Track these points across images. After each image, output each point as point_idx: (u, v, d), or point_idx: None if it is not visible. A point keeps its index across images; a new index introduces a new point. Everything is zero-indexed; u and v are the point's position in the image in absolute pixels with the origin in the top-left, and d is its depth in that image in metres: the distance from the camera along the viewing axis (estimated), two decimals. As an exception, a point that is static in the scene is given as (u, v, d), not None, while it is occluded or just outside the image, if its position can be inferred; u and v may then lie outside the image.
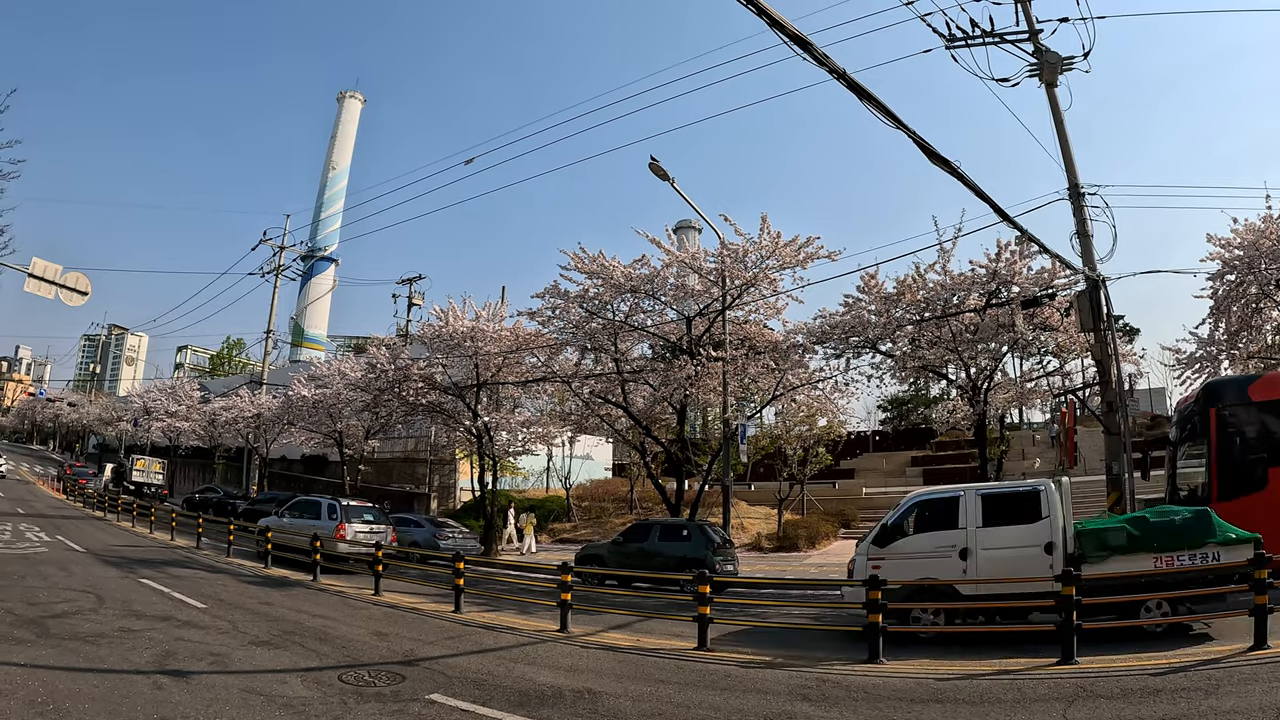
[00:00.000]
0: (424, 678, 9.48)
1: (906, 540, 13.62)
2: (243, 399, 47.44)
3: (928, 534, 13.46)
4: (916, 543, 13.51)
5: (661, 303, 26.03)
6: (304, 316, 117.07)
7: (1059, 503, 12.59)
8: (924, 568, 12.99)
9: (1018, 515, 12.83)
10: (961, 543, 12.90)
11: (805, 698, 8.76)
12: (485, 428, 30.09)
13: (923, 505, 14.04)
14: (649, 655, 11.36)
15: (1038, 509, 12.67)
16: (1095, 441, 34.30)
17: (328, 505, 24.07)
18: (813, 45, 8.60)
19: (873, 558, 13.65)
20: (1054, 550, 12.25)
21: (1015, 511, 12.90)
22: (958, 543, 12.93)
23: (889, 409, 71.05)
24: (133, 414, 65.21)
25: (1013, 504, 13.04)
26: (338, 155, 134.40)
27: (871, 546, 13.90)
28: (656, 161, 22.54)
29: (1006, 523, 12.83)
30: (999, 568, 12.25)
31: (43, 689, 7.97)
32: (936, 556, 13.03)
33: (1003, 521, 12.87)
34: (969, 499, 13.25)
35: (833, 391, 26.63)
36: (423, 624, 13.86)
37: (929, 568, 12.94)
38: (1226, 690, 7.93)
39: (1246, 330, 22.37)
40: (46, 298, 22.99)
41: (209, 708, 7.71)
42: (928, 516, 13.71)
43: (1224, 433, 15.76)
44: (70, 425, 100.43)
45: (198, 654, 10.15)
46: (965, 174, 13.16)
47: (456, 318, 30.10)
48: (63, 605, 13.18)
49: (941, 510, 13.55)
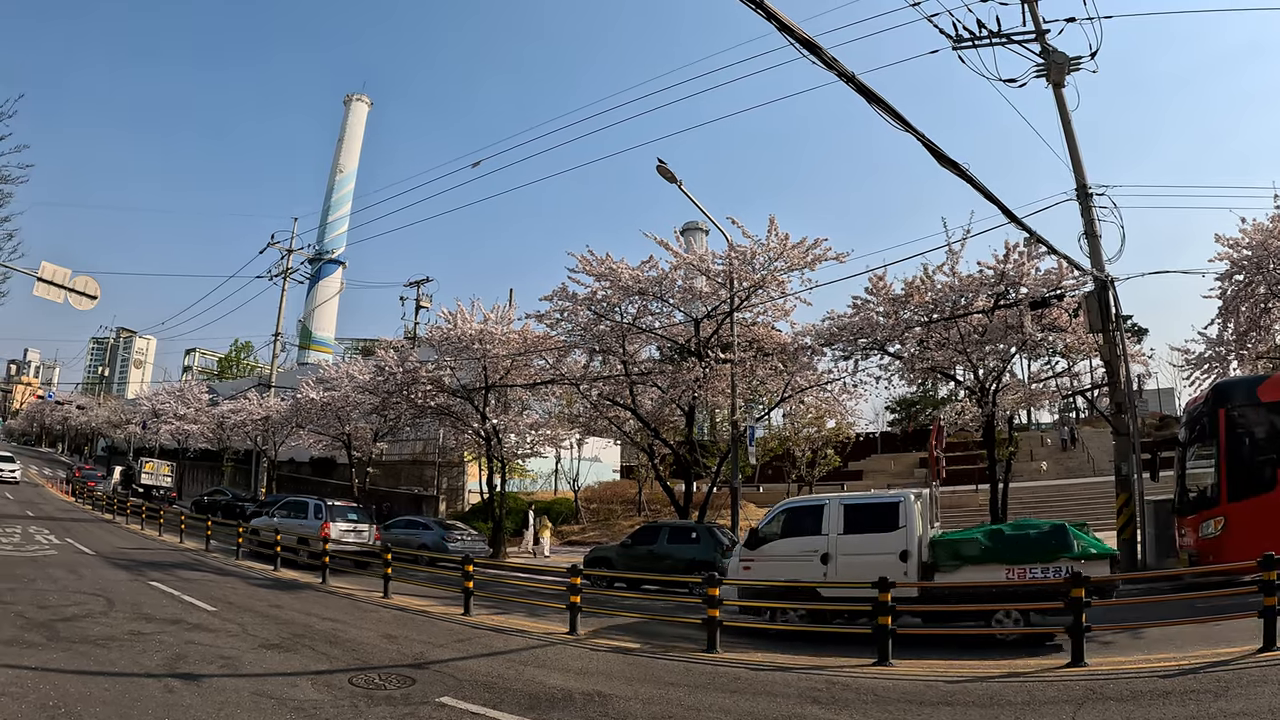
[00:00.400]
0: (434, 680, 9.49)
1: (775, 544, 14.53)
2: (251, 401, 47.53)
3: (794, 539, 14.37)
4: (784, 546, 14.40)
5: (669, 305, 26.05)
6: (312, 319, 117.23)
7: (915, 514, 13.37)
8: (790, 570, 13.90)
9: (877, 524, 13.69)
10: (823, 548, 13.86)
11: (815, 700, 8.75)
12: (494, 430, 30.13)
13: (791, 512, 14.90)
14: (658, 658, 11.36)
15: (896, 519, 13.48)
16: (1104, 443, 34.24)
17: (314, 505, 25.62)
18: (822, 49, 8.60)
19: (744, 559, 14.78)
20: (909, 558, 13.11)
21: (875, 521, 13.77)
22: (820, 548, 13.88)
23: (897, 410, 70.89)
24: (141, 417, 65.31)
25: (873, 514, 13.94)
26: (345, 158, 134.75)
27: (743, 549, 15.00)
28: (664, 164, 22.58)
29: (866, 531, 13.71)
30: (857, 573, 12.86)
31: (54, 692, 8.00)
32: (801, 560, 13.97)
33: (863, 530, 13.76)
34: (832, 508, 14.20)
35: (841, 393, 26.66)
36: (432, 626, 13.88)
37: (794, 570, 13.85)
38: (1236, 692, 7.90)
39: (1255, 330, 22.30)
40: (55, 301, 23.04)
41: (220, 711, 7.73)
42: (795, 522, 14.60)
43: (1233, 433, 15.69)
44: (79, 428, 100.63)
45: (208, 657, 10.18)
46: (973, 176, 13.16)
47: (465, 320, 30.14)
48: (73, 608, 13.22)
49: (807, 517, 14.47)
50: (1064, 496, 37.04)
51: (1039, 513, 31.29)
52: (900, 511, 13.51)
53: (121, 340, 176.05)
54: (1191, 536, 16.43)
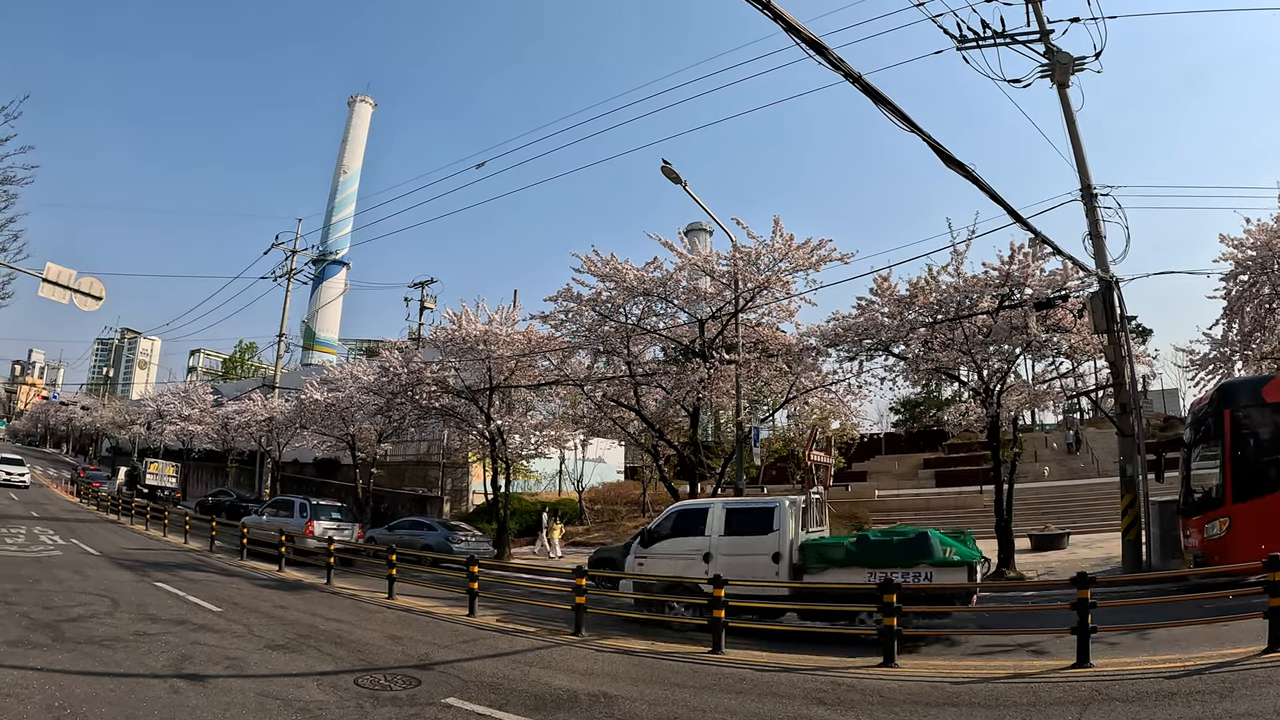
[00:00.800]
0: (440, 681, 9.50)
1: (665, 543, 15.68)
2: (255, 402, 47.49)
3: (681, 539, 15.47)
4: (672, 545, 15.55)
5: (674, 305, 26.00)
6: (316, 320, 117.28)
7: (789, 519, 14.47)
8: (677, 567, 15.17)
9: (754, 528, 14.78)
10: (705, 548, 14.97)
11: (821, 701, 8.76)
12: (498, 431, 30.14)
13: (680, 514, 16.04)
14: (664, 659, 11.38)
15: (771, 523, 14.57)
16: (1109, 443, 34.20)
17: (299, 504, 27.36)
18: (828, 49, 8.60)
19: (639, 556, 15.90)
20: (780, 560, 14.22)
21: (752, 524, 14.86)
22: (703, 548, 14.99)
23: (901, 411, 70.97)
24: (146, 417, 65.34)
25: (751, 518, 15.00)
26: (349, 159, 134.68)
27: (638, 546, 16.07)
28: (669, 165, 22.57)
29: (744, 534, 14.81)
30: (736, 572, 13.64)
31: (59, 693, 8.02)
32: (686, 558, 15.13)
33: (741, 532, 14.86)
34: (715, 511, 15.37)
35: (845, 394, 26.62)
36: (437, 627, 13.90)
37: (681, 567, 15.09)
38: (1241, 693, 7.88)
39: (1260, 331, 22.23)
40: (61, 303, 23.07)
41: (226, 712, 7.74)
42: (682, 523, 15.69)
43: (1238, 434, 15.67)
44: (83, 429, 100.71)
45: (214, 658, 10.20)
46: (979, 176, 13.16)
47: (469, 321, 30.13)
48: (78, 609, 13.25)
49: (693, 518, 15.60)
50: (1068, 498, 37.02)
51: (1044, 515, 31.32)
52: (775, 516, 14.59)
53: (126, 341, 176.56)
54: (1196, 537, 16.40)
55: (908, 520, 36.68)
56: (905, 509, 39.81)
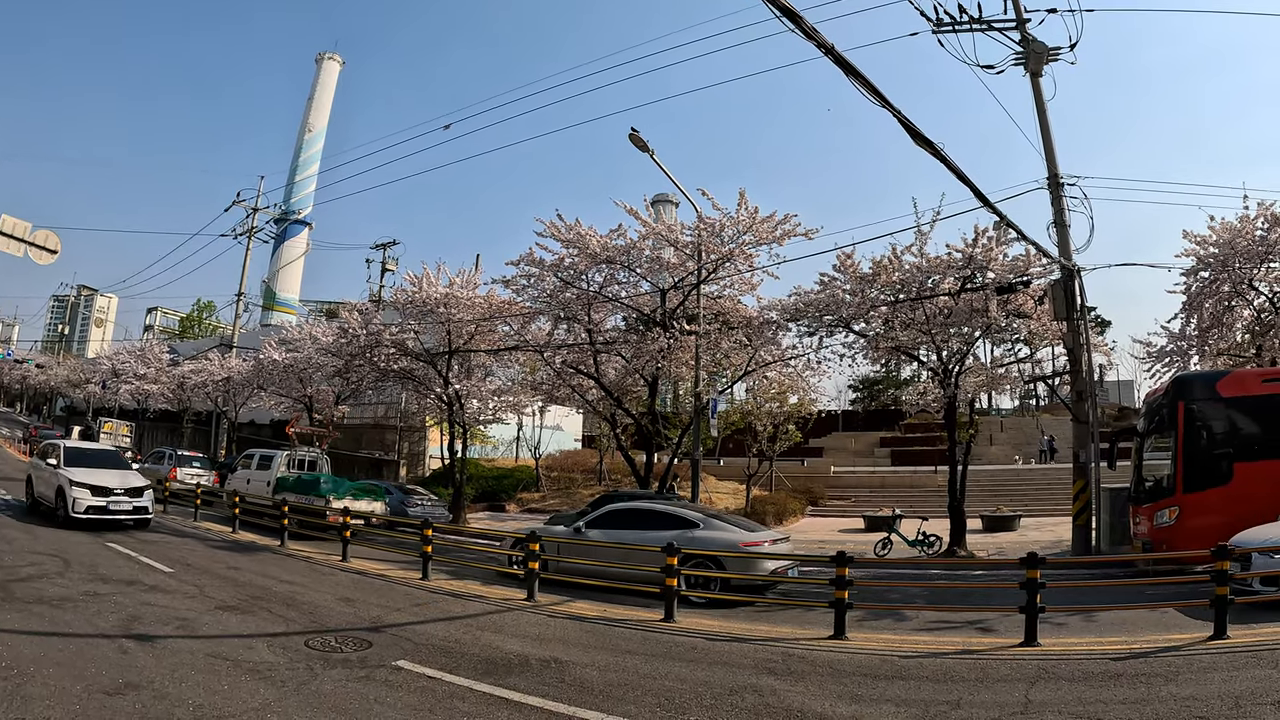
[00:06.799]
0: (391, 644, 9.47)
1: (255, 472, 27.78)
2: (212, 362, 46.86)
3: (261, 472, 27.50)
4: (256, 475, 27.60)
5: (637, 274, 25.89)
6: (276, 280, 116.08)
7: (281, 462, 27.19)
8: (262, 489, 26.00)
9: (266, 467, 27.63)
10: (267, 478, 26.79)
11: (771, 671, 8.81)
12: (456, 395, 29.95)
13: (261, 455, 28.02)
14: (616, 625, 11.40)
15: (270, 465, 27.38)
16: (1064, 430, 34.68)
17: (166, 454, 35.45)
18: (802, 18, 8.55)
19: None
20: (270, 485, 25.87)
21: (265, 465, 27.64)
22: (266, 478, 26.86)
23: (860, 389, 71.43)
24: (101, 376, 64.19)
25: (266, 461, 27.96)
26: (314, 117, 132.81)
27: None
28: (637, 133, 22.45)
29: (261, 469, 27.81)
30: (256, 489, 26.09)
31: (7, 653, 7.87)
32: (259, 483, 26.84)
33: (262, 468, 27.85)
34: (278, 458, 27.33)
35: (804, 369, 26.77)
36: (390, 591, 13.84)
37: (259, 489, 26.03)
38: (1186, 677, 8.02)
39: (1217, 327, 22.63)
40: (15, 255, 22.55)
41: (174, 672, 7.66)
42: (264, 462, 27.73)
43: (1192, 426, 15.97)
44: (38, 387, 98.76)
45: (164, 618, 10.10)
46: (948, 156, 13.20)
47: (430, 284, 29.82)
48: (28, 569, 13.01)
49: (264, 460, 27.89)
50: (1021, 481, 37.57)
51: (997, 497, 31.75)
52: (273, 462, 27.07)
53: (83, 298, 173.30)
54: (1146, 525, 16.72)
55: (863, 497, 37.12)
56: (861, 486, 40.22)
